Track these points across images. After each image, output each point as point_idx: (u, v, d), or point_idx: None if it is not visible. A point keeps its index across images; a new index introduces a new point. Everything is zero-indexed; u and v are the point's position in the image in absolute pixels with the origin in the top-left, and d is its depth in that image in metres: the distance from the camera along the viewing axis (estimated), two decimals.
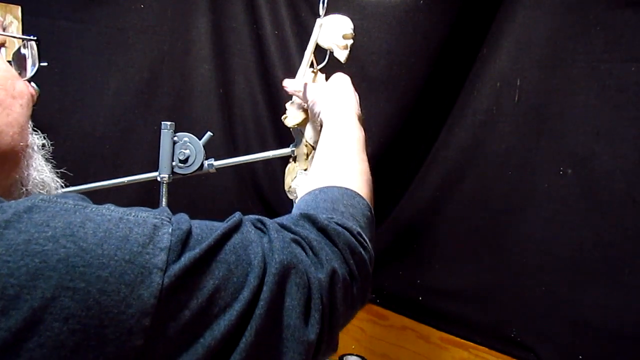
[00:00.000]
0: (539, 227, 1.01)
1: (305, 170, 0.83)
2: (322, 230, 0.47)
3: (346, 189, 0.55)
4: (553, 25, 0.96)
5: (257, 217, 0.46)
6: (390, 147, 1.18)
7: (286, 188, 0.86)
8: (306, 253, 0.44)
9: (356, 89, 0.73)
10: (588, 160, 0.93)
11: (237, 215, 0.44)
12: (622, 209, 0.89)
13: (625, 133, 0.89)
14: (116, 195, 1.19)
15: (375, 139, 1.16)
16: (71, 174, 0.58)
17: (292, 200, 0.86)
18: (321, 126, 0.70)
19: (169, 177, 0.84)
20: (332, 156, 0.62)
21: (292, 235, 0.45)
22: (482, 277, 1.10)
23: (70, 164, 0.56)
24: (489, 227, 1.09)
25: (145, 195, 1.20)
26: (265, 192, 1.35)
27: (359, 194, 0.56)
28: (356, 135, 0.65)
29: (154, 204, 0.90)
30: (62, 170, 0.54)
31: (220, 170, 0.86)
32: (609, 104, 0.90)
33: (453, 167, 1.14)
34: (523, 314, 1.04)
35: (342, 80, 0.74)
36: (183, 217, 0.40)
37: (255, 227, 0.44)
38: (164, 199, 0.85)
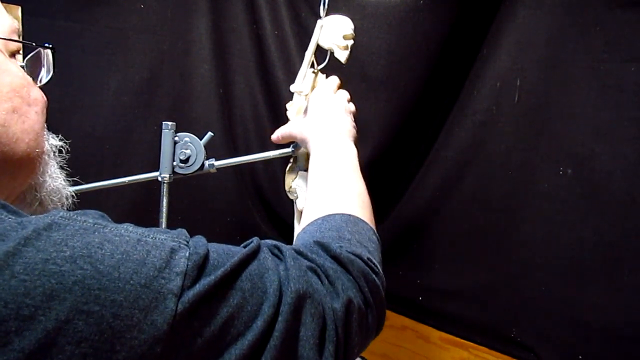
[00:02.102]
0: (539, 227, 1.01)
1: (306, 170, 0.83)
2: (335, 258, 0.46)
3: (349, 215, 0.54)
4: (553, 25, 0.96)
5: (273, 242, 0.46)
6: (390, 147, 1.18)
7: (286, 188, 0.86)
8: (322, 282, 0.44)
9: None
10: (588, 160, 0.93)
11: (255, 240, 0.44)
12: (622, 209, 0.89)
13: (625, 133, 0.89)
14: (116, 195, 1.19)
15: (376, 139, 1.16)
16: (71, 174, 0.58)
17: (292, 200, 0.86)
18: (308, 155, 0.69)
19: (169, 177, 0.84)
20: (326, 183, 0.61)
21: (308, 263, 0.45)
22: (482, 277, 1.10)
23: (70, 164, 0.56)
24: (489, 227, 1.09)
25: (146, 196, 1.20)
26: (265, 192, 1.35)
27: (361, 219, 0.55)
28: (345, 156, 0.64)
29: (154, 204, 0.90)
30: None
31: (221, 170, 0.86)
32: (609, 104, 0.90)
33: (453, 167, 1.13)
34: (523, 314, 1.04)
35: (321, 100, 0.72)
36: (201, 240, 0.40)
37: (272, 253, 0.44)
38: (164, 199, 0.86)
